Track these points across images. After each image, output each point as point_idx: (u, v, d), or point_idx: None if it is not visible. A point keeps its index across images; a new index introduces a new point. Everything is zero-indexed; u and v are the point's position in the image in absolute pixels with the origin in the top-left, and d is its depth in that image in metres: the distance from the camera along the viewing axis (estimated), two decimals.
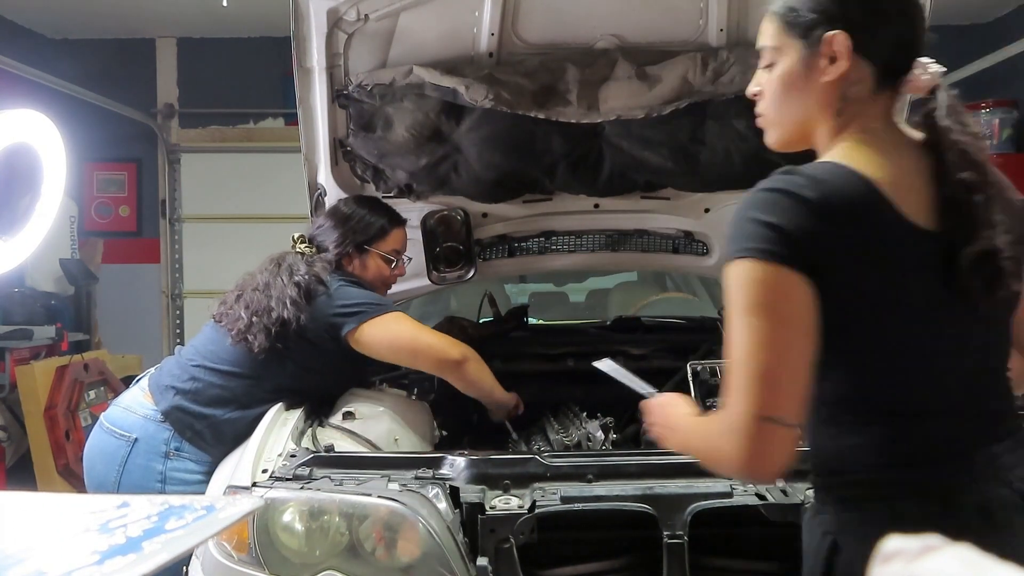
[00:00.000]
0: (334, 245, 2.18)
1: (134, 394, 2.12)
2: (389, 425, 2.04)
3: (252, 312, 2.01)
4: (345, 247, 2.18)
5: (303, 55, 2.14)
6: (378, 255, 2.22)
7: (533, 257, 2.62)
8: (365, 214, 2.22)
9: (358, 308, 2.04)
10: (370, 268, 2.22)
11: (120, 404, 2.12)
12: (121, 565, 0.75)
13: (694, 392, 2.22)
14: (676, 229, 2.57)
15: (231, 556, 1.55)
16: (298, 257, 2.13)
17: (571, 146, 2.22)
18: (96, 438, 2.10)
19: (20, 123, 1.35)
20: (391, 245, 2.24)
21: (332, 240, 2.19)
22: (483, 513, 1.51)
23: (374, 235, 2.21)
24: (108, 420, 2.09)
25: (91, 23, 6.05)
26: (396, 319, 2.08)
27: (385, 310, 2.07)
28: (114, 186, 6.50)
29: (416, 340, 2.08)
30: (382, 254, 2.22)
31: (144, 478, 1.99)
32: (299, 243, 2.21)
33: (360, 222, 2.21)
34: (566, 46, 2.16)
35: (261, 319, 1.99)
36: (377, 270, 2.23)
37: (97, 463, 2.07)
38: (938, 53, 1.20)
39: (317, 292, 2.04)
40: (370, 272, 2.22)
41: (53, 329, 4.60)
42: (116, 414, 2.09)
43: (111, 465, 2.02)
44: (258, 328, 1.98)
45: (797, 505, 1.51)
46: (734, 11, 2.10)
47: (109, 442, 2.04)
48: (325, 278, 2.07)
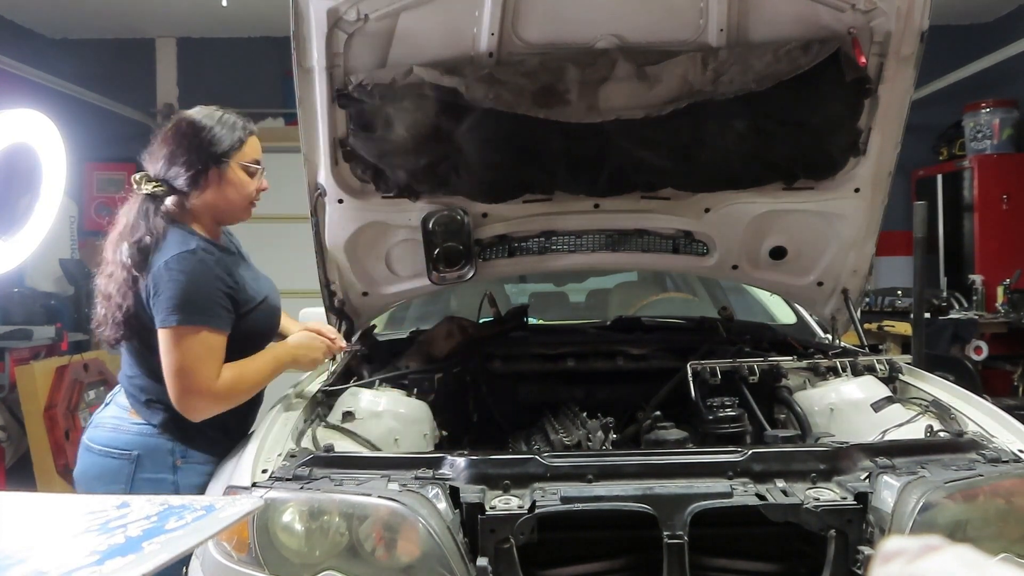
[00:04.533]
0: (186, 167, 1.96)
1: (114, 412, 2.01)
2: (389, 425, 2.04)
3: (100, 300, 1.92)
4: (198, 168, 1.96)
5: (303, 55, 2.14)
6: (239, 167, 2.02)
7: (533, 257, 2.62)
8: (212, 125, 1.99)
9: (165, 308, 1.86)
10: (231, 185, 2.02)
11: (103, 425, 2.00)
12: (121, 565, 0.75)
13: (694, 392, 2.23)
14: (676, 229, 2.57)
15: (231, 556, 1.55)
16: (143, 208, 1.95)
17: (571, 146, 2.22)
18: (88, 463, 1.98)
19: (20, 123, 1.35)
20: (250, 154, 2.05)
21: (182, 162, 1.96)
22: (483, 513, 1.51)
23: (228, 146, 2.00)
24: (96, 442, 1.98)
25: (91, 23, 6.06)
26: (176, 336, 1.85)
27: (188, 321, 1.86)
28: (114, 186, 6.49)
29: (172, 369, 1.86)
30: (244, 164, 2.03)
31: (156, 492, 1.86)
32: (143, 183, 1.98)
33: (210, 134, 1.98)
34: (566, 46, 2.16)
35: (110, 310, 1.90)
36: (240, 186, 2.03)
37: (96, 487, 1.93)
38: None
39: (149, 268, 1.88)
40: (232, 190, 2.02)
41: (53, 329, 4.61)
42: (103, 435, 1.98)
43: (114, 485, 1.91)
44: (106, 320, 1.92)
45: (797, 505, 1.51)
46: (734, 11, 2.10)
47: (107, 464, 1.94)
48: (161, 246, 1.89)
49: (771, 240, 2.57)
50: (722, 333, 2.70)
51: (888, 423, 1.98)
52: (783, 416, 2.24)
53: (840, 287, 2.62)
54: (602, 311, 3.58)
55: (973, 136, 5.61)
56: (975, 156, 5.57)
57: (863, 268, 2.58)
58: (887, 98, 2.21)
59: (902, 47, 2.11)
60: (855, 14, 2.08)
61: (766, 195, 2.44)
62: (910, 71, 2.15)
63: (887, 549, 0.64)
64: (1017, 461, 1.64)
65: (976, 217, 5.57)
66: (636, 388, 2.51)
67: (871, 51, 2.13)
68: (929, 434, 1.85)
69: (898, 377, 2.22)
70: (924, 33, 2.08)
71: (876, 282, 5.69)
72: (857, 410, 2.09)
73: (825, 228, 2.49)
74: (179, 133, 1.99)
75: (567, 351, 2.62)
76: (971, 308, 5.23)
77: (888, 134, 2.28)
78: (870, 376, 2.20)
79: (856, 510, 1.52)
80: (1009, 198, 5.45)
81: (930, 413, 1.98)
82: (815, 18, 2.10)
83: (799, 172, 2.38)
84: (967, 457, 1.65)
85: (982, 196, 5.52)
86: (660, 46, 2.15)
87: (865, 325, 3.55)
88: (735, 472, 1.60)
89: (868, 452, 1.66)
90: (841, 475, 1.61)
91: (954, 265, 5.77)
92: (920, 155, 5.96)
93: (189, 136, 1.98)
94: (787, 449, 1.73)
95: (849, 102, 2.21)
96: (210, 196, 2.01)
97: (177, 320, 1.86)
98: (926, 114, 5.15)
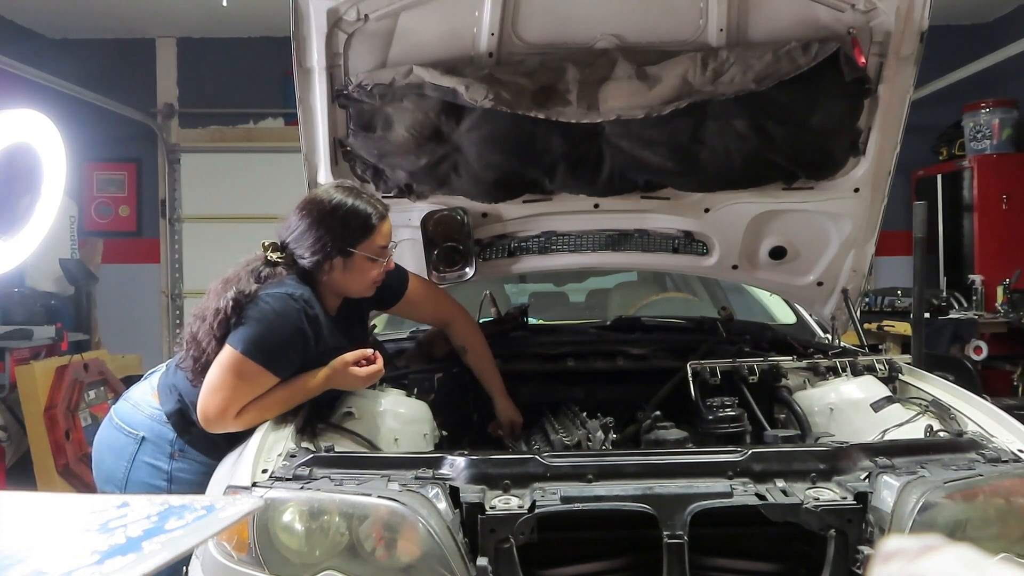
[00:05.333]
0: (311, 251, 1.94)
1: (143, 390, 2.11)
2: (389, 425, 2.04)
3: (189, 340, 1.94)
4: (324, 253, 1.93)
5: (303, 55, 2.14)
6: (364, 256, 1.97)
7: (533, 257, 2.62)
8: (346, 211, 1.94)
9: (242, 335, 1.85)
10: (354, 271, 1.98)
11: (129, 400, 2.11)
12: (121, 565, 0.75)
13: (694, 392, 2.23)
14: (676, 229, 2.57)
15: (231, 556, 1.55)
16: (259, 270, 1.93)
17: (571, 146, 2.22)
18: (106, 432, 2.10)
19: (20, 123, 1.35)
20: (378, 242, 1.99)
21: (309, 245, 1.94)
22: (483, 513, 1.50)
23: (358, 234, 1.95)
24: (118, 416, 2.09)
25: (91, 23, 6.06)
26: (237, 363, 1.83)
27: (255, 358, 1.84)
28: (114, 186, 6.51)
29: (214, 385, 1.85)
30: (368, 255, 1.97)
31: (151, 476, 2.00)
32: (270, 251, 1.98)
33: (340, 221, 1.93)
34: (566, 46, 2.16)
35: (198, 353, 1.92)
36: (363, 272, 1.99)
37: (107, 457, 2.06)
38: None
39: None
40: (355, 275, 1.99)
41: (53, 329, 4.61)
42: (125, 410, 2.09)
43: (120, 460, 2.02)
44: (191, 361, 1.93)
45: (797, 505, 1.51)
46: (734, 11, 2.10)
47: (118, 438, 2.04)
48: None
49: (771, 240, 2.57)
50: (722, 333, 2.70)
51: (888, 423, 1.98)
52: (783, 416, 2.24)
53: (840, 287, 2.62)
54: (602, 311, 3.58)
55: (973, 136, 5.61)
56: (975, 156, 5.57)
57: (863, 268, 2.58)
58: (887, 98, 2.21)
59: (902, 47, 2.11)
60: (855, 14, 2.08)
61: (766, 195, 2.44)
62: (910, 71, 2.15)
63: (887, 549, 0.64)
64: (1017, 461, 1.63)
65: (976, 217, 5.57)
66: (636, 388, 2.51)
67: (871, 51, 2.14)
68: (929, 434, 1.85)
69: (898, 377, 2.22)
70: (924, 33, 2.08)
71: (876, 282, 5.70)
72: (857, 410, 2.09)
73: (825, 228, 2.49)
74: (312, 213, 1.95)
75: (567, 351, 2.62)
76: (971, 308, 5.23)
77: (888, 134, 2.28)
78: (870, 376, 2.20)
79: (856, 510, 1.52)
80: (1009, 198, 5.45)
81: (930, 413, 1.97)
82: (815, 18, 2.10)
83: (799, 172, 2.38)
84: (967, 457, 1.65)
85: (982, 196, 5.52)
86: (660, 46, 2.15)
87: (865, 325, 3.56)
88: (735, 472, 1.60)
89: (868, 452, 1.66)
90: (841, 475, 1.61)
91: (954, 265, 5.77)
92: (920, 155, 5.96)
93: (320, 220, 1.94)
94: (787, 449, 1.73)
95: (849, 102, 2.21)
96: (334, 278, 1.99)
97: (244, 349, 1.84)
98: (926, 114, 5.15)
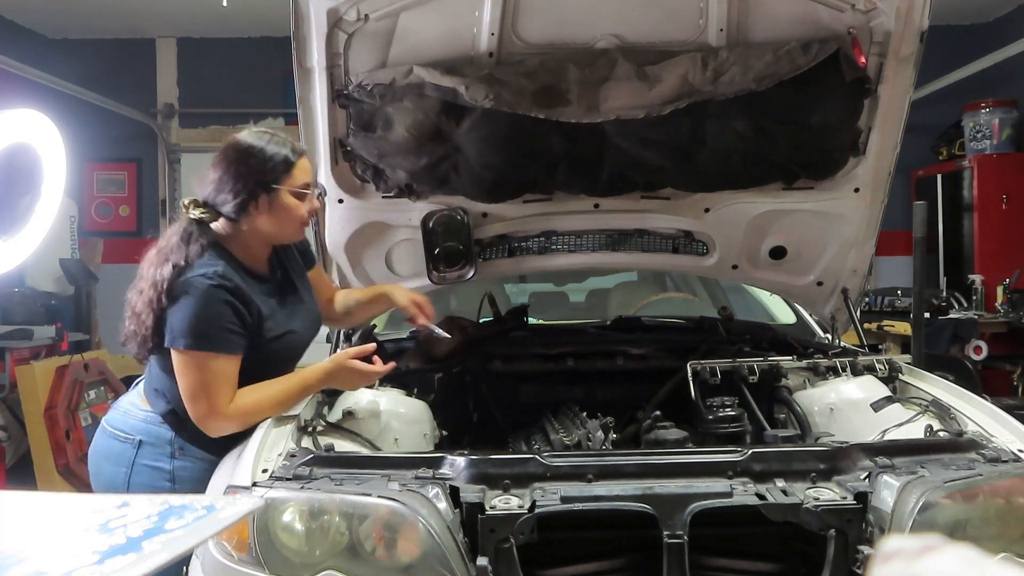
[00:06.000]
0: (233, 195, 1.92)
1: (131, 398, 2.11)
2: (389, 425, 2.04)
3: (129, 315, 1.92)
4: (248, 192, 1.92)
5: (303, 55, 2.14)
6: (288, 192, 1.96)
7: (533, 257, 2.62)
8: (261, 149, 1.94)
9: (176, 332, 1.86)
10: (280, 210, 1.96)
11: (119, 408, 2.11)
12: (121, 565, 0.75)
13: (694, 392, 2.23)
14: (676, 229, 2.57)
15: (231, 556, 1.55)
16: (187, 232, 1.93)
17: (571, 146, 2.22)
18: (100, 442, 2.08)
19: (20, 123, 1.35)
20: (300, 177, 1.98)
21: (229, 189, 1.93)
22: (483, 513, 1.50)
23: (279, 169, 1.94)
24: (110, 424, 2.08)
25: (91, 23, 6.06)
26: (188, 361, 1.85)
27: (197, 347, 1.85)
28: (114, 186, 6.51)
29: (187, 391, 1.88)
30: (293, 190, 1.96)
31: (153, 478, 1.98)
32: (191, 208, 1.96)
33: (258, 160, 1.93)
34: (566, 46, 2.16)
35: (138, 327, 1.91)
36: (290, 211, 1.97)
37: (104, 466, 2.05)
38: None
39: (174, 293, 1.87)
40: (282, 215, 1.97)
41: (53, 329, 4.61)
42: (117, 418, 2.08)
43: (119, 467, 2.00)
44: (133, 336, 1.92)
45: (797, 505, 1.51)
46: (734, 11, 2.10)
47: (114, 445, 2.03)
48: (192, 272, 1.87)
49: (771, 240, 2.57)
50: (722, 333, 2.71)
51: (888, 423, 1.98)
52: (783, 416, 2.24)
53: (840, 287, 2.62)
54: (602, 311, 3.58)
55: (973, 136, 5.61)
56: (975, 156, 5.57)
57: (863, 268, 2.58)
58: (887, 98, 2.21)
59: (902, 47, 2.11)
60: (855, 14, 2.08)
61: (766, 195, 2.44)
62: (910, 71, 2.16)
63: (887, 549, 0.64)
64: (1017, 461, 1.63)
65: (976, 217, 5.57)
66: (636, 388, 2.51)
67: (871, 51, 2.14)
68: (929, 434, 1.85)
69: (898, 377, 2.22)
70: (924, 33, 2.08)
71: (876, 282, 5.69)
72: (857, 410, 2.09)
73: (825, 228, 2.49)
74: (227, 159, 1.94)
75: (567, 351, 2.62)
76: (971, 308, 5.23)
77: (888, 134, 2.28)
78: (870, 376, 2.20)
79: (856, 510, 1.52)
80: (1009, 198, 5.45)
81: (930, 413, 1.97)
82: (815, 18, 2.10)
83: (799, 172, 2.38)
84: (967, 457, 1.65)
85: (982, 196, 5.52)
86: (660, 46, 2.15)
87: (865, 325, 3.56)
88: (735, 472, 1.60)
89: (868, 452, 1.66)
90: (841, 475, 1.61)
91: (954, 265, 5.77)
92: (920, 155, 5.96)
93: (237, 162, 1.93)
94: (787, 449, 1.73)
95: (849, 102, 2.21)
96: (260, 222, 1.97)
97: (185, 344, 1.86)
98: (926, 114, 5.15)
